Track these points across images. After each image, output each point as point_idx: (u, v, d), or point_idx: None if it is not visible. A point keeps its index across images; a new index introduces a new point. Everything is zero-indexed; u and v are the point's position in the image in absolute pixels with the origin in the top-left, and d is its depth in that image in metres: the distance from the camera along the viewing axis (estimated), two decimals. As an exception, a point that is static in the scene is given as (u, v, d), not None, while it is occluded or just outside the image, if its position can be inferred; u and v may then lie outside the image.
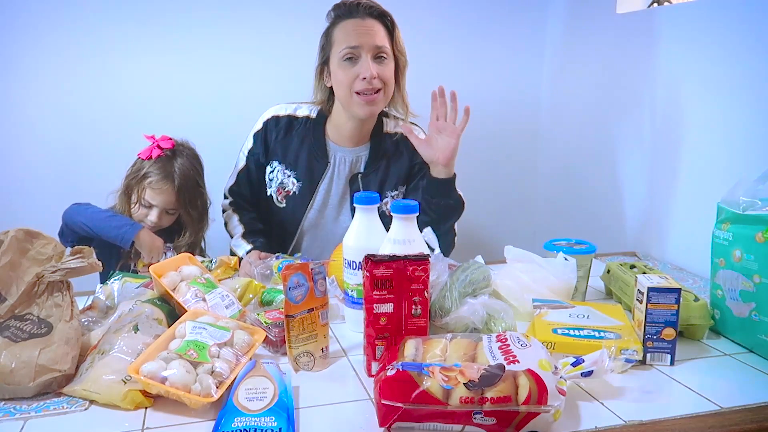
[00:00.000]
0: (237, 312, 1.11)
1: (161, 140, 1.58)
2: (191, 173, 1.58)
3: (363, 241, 1.11)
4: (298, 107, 1.61)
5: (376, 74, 1.44)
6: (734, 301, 1.10)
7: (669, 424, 0.86)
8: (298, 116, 1.59)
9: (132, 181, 1.57)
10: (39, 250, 1.01)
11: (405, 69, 1.54)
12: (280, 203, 1.61)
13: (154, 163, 1.55)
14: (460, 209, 1.51)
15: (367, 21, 1.47)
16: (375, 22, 1.47)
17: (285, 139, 1.58)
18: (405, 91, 1.56)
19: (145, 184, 1.55)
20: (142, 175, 1.55)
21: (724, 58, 1.50)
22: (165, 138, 1.59)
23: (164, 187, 1.54)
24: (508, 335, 0.92)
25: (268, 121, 1.60)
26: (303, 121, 1.59)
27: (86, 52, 1.91)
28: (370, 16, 1.47)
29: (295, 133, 1.58)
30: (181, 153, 1.59)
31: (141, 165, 1.57)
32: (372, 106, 1.48)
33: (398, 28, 1.51)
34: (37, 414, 0.87)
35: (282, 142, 1.58)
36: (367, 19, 1.47)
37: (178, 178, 1.55)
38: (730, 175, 1.28)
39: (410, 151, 1.60)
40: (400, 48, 1.51)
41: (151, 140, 1.58)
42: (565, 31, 2.19)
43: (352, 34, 1.46)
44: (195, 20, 1.96)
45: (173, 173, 1.55)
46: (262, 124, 1.60)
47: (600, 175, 2.01)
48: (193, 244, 1.64)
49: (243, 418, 0.81)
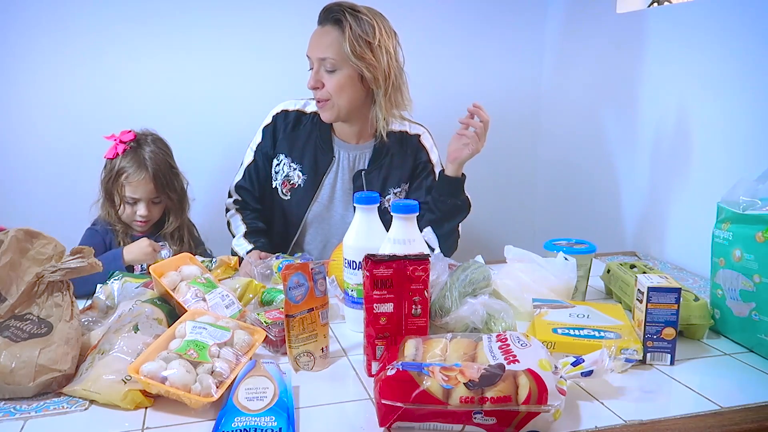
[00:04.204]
0: (237, 312, 1.11)
1: (122, 135, 1.58)
2: (162, 156, 1.58)
3: (363, 240, 1.11)
4: (307, 103, 1.63)
5: (311, 85, 1.48)
6: (734, 301, 1.10)
7: (669, 424, 0.86)
8: (307, 112, 1.62)
9: (108, 184, 1.57)
10: (39, 250, 1.01)
11: (377, 74, 1.45)
12: (284, 196, 1.62)
13: (123, 157, 1.55)
14: (465, 210, 1.53)
15: (325, 28, 1.47)
16: (333, 29, 1.45)
17: (293, 133, 1.60)
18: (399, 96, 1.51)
19: (121, 181, 1.54)
20: (115, 173, 1.55)
21: (724, 58, 1.50)
22: (125, 132, 1.58)
23: (140, 177, 1.54)
24: (508, 335, 0.92)
25: (277, 115, 1.62)
26: (311, 116, 1.61)
27: (86, 52, 1.91)
28: (328, 22, 1.46)
29: (303, 127, 1.61)
30: (145, 141, 1.59)
31: (111, 165, 1.57)
32: (324, 113, 1.52)
33: (361, 34, 1.42)
34: (37, 414, 0.87)
35: (289, 136, 1.60)
36: (326, 26, 1.46)
37: (150, 164, 1.55)
38: (730, 175, 1.27)
39: (414, 150, 1.62)
40: (359, 55, 1.43)
41: (112, 139, 1.58)
42: (564, 30, 2.19)
43: (309, 44, 1.49)
44: (195, 20, 1.96)
45: (145, 161, 1.55)
46: (272, 118, 1.63)
47: (600, 175, 2.01)
48: (180, 227, 1.64)
49: (243, 418, 0.81)
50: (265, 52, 2.03)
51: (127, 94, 1.95)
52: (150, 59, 1.96)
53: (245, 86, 2.03)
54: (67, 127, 1.94)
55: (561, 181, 2.25)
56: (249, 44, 2.01)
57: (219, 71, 2.01)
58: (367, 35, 1.43)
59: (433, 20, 2.15)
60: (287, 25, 1.99)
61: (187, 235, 1.64)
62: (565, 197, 2.22)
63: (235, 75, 2.03)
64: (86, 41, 1.90)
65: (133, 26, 1.92)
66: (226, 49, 2.00)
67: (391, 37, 1.49)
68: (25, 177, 1.94)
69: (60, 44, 1.89)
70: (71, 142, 1.94)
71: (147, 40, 1.94)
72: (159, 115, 1.85)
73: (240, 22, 1.99)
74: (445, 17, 2.17)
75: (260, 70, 2.04)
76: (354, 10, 1.45)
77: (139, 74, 1.96)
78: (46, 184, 1.95)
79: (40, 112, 1.92)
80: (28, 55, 1.87)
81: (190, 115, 2.01)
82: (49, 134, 1.93)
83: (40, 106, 1.91)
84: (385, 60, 1.46)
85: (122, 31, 1.92)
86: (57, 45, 1.88)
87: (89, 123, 1.92)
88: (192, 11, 1.95)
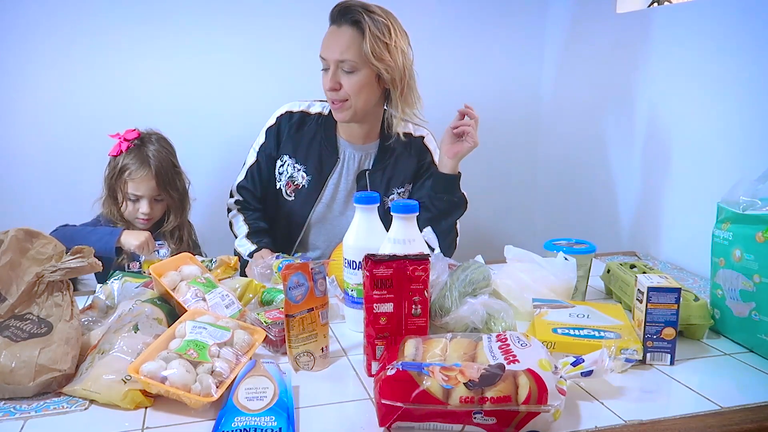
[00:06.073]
0: (237, 312, 1.11)
1: (126, 133, 1.60)
2: (165, 154, 1.60)
3: (363, 240, 1.11)
4: (312, 104, 1.63)
5: (329, 87, 1.46)
6: (734, 301, 1.10)
7: (669, 424, 0.86)
8: (311, 113, 1.61)
9: (112, 181, 1.58)
10: (39, 249, 1.01)
11: (394, 75, 1.45)
12: (288, 196, 1.62)
13: (127, 155, 1.57)
14: (462, 207, 1.54)
15: (341, 29, 1.44)
16: (349, 30, 1.43)
17: (297, 134, 1.60)
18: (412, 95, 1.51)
19: (125, 177, 1.56)
20: (119, 170, 1.57)
21: (724, 58, 1.50)
22: (129, 131, 1.60)
23: (143, 174, 1.55)
24: (508, 335, 0.92)
25: (281, 117, 1.62)
26: (315, 117, 1.61)
27: (88, 52, 1.90)
28: (345, 22, 1.44)
29: (307, 128, 1.60)
30: (149, 139, 1.61)
31: (115, 162, 1.58)
32: (340, 114, 1.50)
33: (379, 35, 1.41)
34: (37, 414, 0.87)
35: (294, 137, 1.60)
36: (343, 27, 1.44)
37: (154, 162, 1.57)
38: (730, 175, 1.27)
39: (418, 152, 1.62)
40: (378, 56, 1.42)
41: (117, 137, 1.60)
42: (565, 30, 2.18)
43: (323, 44, 1.47)
44: (198, 21, 1.96)
45: (148, 159, 1.57)
46: (276, 120, 1.62)
47: (600, 175, 2.01)
48: (180, 226, 1.65)
49: (243, 418, 0.81)
50: (268, 53, 2.03)
51: (128, 94, 1.96)
52: (152, 60, 1.96)
53: (248, 87, 2.03)
54: (68, 127, 1.94)
55: (561, 181, 2.25)
56: (252, 45, 2.01)
57: (221, 72, 2.01)
58: (384, 36, 1.42)
59: (434, 21, 2.15)
60: (291, 25, 1.99)
61: (186, 235, 1.65)
62: (565, 197, 2.22)
63: (238, 76, 2.03)
64: (89, 42, 1.90)
65: (137, 27, 1.92)
66: (228, 50, 2.00)
67: (404, 36, 1.48)
68: (26, 177, 1.94)
69: (63, 45, 1.89)
70: (72, 142, 1.94)
71: (150, 41, 1.94)
72: (161, 115, 1.85)
73: (243, 22, 1.99)
74: (445, 18, 2.17)
75: (263, 71, 2.04)
76: (369, 10, 1.43)
77: (142, 75, 1.96)
78: (47, 184, 1.95)
79: (41, 111, 1.92)
80: (31, 55, 1.87)
81: (192, 115, 2.01)
82: (50, 134, 1.93)
83: (42, 106, 1.91)
84: (400, 60, 1.45)
85: (125, 31, 1.92)
86: (60, 45, 1.88)
87: (90, 123, 1.92)
88: (196, 12, 1.95)
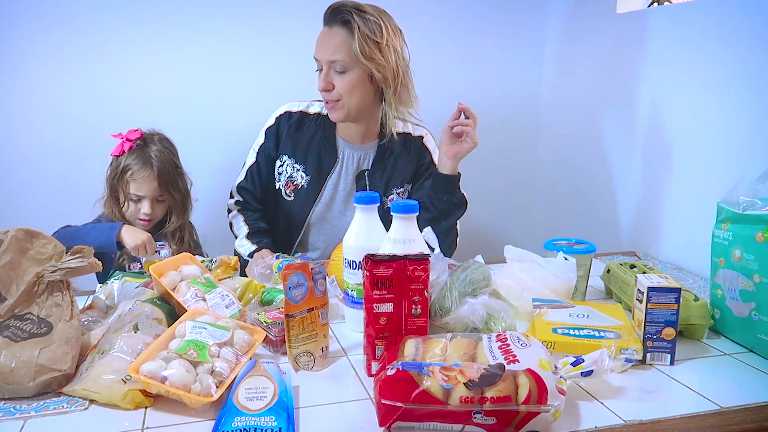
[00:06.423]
0: (237, 312, 1.11)
1: (129, 133, 1.60)
2: (167, 155, 1.60)
3: (363, 240, 1.11)
4: (311, 104, 1.63)
5: (322, 87, 1.47)
6: (734, 301, 1.10)
7: (669, 424, 0.86)
8: (310, 113, 1.62)
9: (114, 181, 1.58)
10: (39, 249, 1.01)
11: (386, 74, 1.45)
12: (288, 196, 1.62)
13: (129, 155, 1.57)
14: (462, 207, 1.53)
15: (332, 30, 1.45)
16: (339, 30, 1.44)
17: (296, 134, 1.60)
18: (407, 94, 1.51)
19: (126, 178, 1.56)
20: (121, 170, 1.57)
21: (724, 58, 1.50)
22: (132, 131, 1.60)
23: (145, 175, 1.55)
24: (508, 335, 0.92)
25: (280, 117, 1.62)
26: (314, 117, 1.61)
27: (88, 52, 1.90)
28: (336, 23, 1.45)
29: (306, 128, 1.61)
30: (152, 139, 1.61)
31: (117, 162, 1.58)
32: (334, 113, 1.51)
33: (369, 35, 1.41)
34: (37, 414, 0.87)
35: (293, 137, 1.60)
36: (334, 27, 1.45)
37: (156, 162, 1.57)
38: (730, 175, 1.27)
39: (418, 152, 1.62)
40: (368, 55, 1.42)
41: (119, 137, 1.60)
42: (564, 31, 2.18)
43: (316, 45, 1.48)
44: (199, 21, 1.96)
45: (151, 159, 1.57)
46: (275, 120, 1.63)
47: (600, 175, 2.00)
48: (181, 227, 1.65)
49: (243, 418, 0.81)
50: (268, 54, 2.03)
51: (129, 94, 1.95)
52: (153, 59, 1.96)
53: (248, 87, 2.03)
54: (68, 127, 1.94)
55: (561, 181, 2.25)
56: (252, 45, 2.01)
57: (221, 72, 2.01)
58: (374, 35, 1.42)
59: (434, 21, 2.15)
60: (291, 25, 1.99)
61: (188, 235, 1.65)
62: (565, 197, 2.22)
63: (238, 76, 2.03)
64: (89, 41, 1.90)
65: (138, 26, 1.92)
66: (228, 50, 2.00)
67: (398, 34, 1.48)
68: (26, 177, 1.94)
69: (63, 44, 1.88)
70: (72, 142, 1.94)
71: (150, 41, 1.94)
72: (161, 115, 1.85)
73: (244, 22, 1.99)
74: (445, 18, 2.17)
75: (263, 71, 2.03)
76: (360, 10, 1.44)
77: (142, 75, 1.96)
78: (47, 184, 1.95)
79: (41, 111, 1.92)
80: (31, 54, 1.87)
81: (192, 116, 2.01)
82: (51, 134, 1.93)
83: (42, 106, 1.91)
84: (393, 59, 1.45)
85: (126, 31, 1.91)
86: (59, 45, 1.88)
87: (91, 123, 1.92)
88: (196, 12, 1.95)
